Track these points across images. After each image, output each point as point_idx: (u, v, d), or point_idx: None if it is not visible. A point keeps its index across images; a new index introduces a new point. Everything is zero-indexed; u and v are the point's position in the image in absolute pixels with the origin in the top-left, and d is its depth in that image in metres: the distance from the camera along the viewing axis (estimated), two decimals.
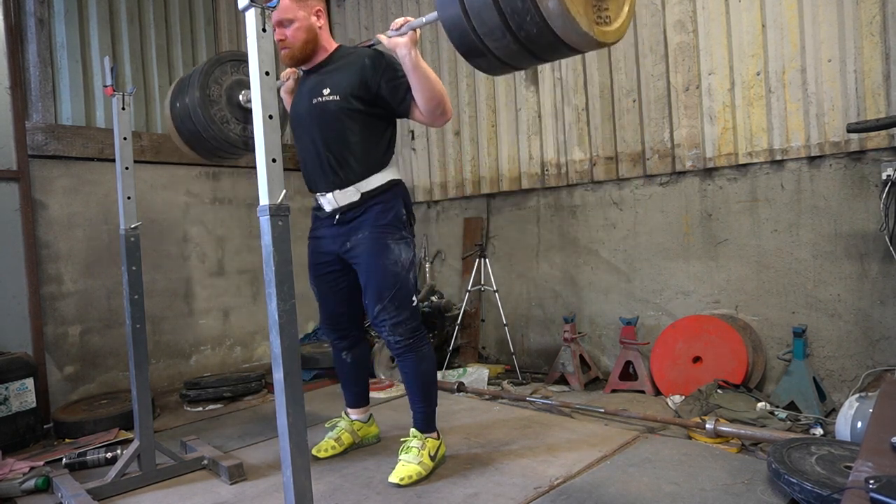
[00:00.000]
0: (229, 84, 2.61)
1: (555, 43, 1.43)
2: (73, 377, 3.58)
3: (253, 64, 1.49)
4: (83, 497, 2.16)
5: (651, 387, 3.31)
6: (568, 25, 1.38)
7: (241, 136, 2.61)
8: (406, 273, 2.26)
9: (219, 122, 2.54)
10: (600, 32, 1.47)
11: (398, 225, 2.27)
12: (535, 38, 1.42)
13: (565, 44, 1.44)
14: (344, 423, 2.61)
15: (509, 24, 1.41)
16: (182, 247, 4.13)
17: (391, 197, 2.28)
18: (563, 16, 1.36)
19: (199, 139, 2.58)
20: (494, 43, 1.47)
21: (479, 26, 1.44)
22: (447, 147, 4.51)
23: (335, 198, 2.27)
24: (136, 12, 4.03)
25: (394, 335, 2.25)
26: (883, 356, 2.83)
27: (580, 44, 1.46)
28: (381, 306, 2.23)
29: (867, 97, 2.76)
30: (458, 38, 1.51)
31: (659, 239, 3.54)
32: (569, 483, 2.11)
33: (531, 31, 1.40)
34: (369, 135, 2.25)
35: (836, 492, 1.65)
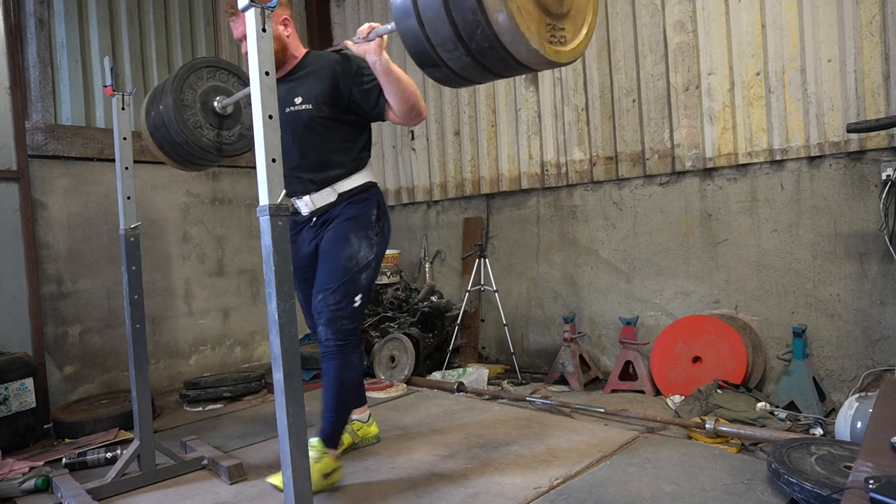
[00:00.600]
0: (204, 90, 2.59)
1: (505, 58, 1.43)
2: (73, 377, 3.58)
3: (253, 64, 1.49)
4: (83, 497, 2.16)
5: (651, 387, 3.31)
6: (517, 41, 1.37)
7: (214, 141, 2.60)
8: (358, 271, 2.21)
9: (191, 127, 2.52)
10: (552, 51, 1.46)
11: (365, 223, 2.25)
12: (485, 52, 1.42)
13: (515, 59, 1.43)
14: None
15: (461, 35, 1.40)
16: (182, 247, 4.13)
17: (365, 197, 2.29)
18: (513, 31, 1.35)
19: (171, 144, 2.56)
20: (447, 54, 1.46)
21: (432, 36, 1.44)
22: (447, 147, 4.51)
23: (312, 200, 2.28)
24: (135, 12, 4.03)
25: (326, 331, 2.18)
26: (883, 356, 2.83)
27: (530, 61, 1.44)
28: (321, 296, 2.18)
29: (867, 97, 2.76)
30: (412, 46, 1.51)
31: (659, 239, 3.54)
32: (569, 483, 2.11)
33: (482, 45, 1.40)
34: (344, 140, 2.26)
35: (835, 492, 1.65)
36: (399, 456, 2.47)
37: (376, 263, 2.29)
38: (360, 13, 5.03)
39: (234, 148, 2.68)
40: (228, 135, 2.66)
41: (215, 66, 2.65)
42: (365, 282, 2.24)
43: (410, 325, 4.11)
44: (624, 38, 3.54)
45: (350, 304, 2.19)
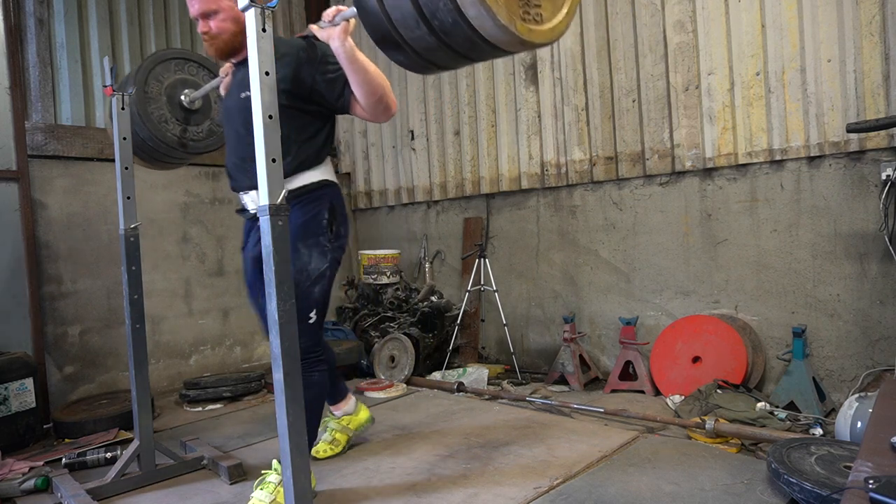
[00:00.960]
0: (171, 82, 2.46)
1: (471, 37, 1.29)
2: (73, 377, 3.58)
3: (253, 64, 1.49)
4: (83, 497, 2.16)
5: (651, 387, 3.31)
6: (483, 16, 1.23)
7: (179, 137, 2.46)
8: (310, 285, 2.02)
9: (155, 121, 2.39)
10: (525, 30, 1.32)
11: (315, 229, 2.06)
12: (450, 30, 1.29)
13: (483, 38, 1.29)
14: (333, 423, 2.54)
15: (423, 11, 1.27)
16: (182, 247, 4.13)
17: (316, 198, 2.09)
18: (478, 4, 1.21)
19: (135, 139, 2.41)
20: (409, 33, 1.33)
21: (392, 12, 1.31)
22: (447, 147, 4.51)
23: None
24: (135, 13, 4.03)
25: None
26: (883, 356, 2.83)
27: (500, 40, 1.30)
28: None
29: (867, 97, 2.76)
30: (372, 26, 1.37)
31: (659, 239, 3.54)
32: (569, 483, 2.11)
33: (445, 21, 1.26)
34: (301, 132, 2.08)
35: (835, 492, 1.65)
36: (399, 456, 2.47)
37: (331, 272, 2.10)
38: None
39: (202, 145, 2.53)
40: (196, 130, 2.52)
41: (185, 58, 2.52)
42: (319, 294, 2.05)
43: (410, 325, 4.11)
44: (624, 37, 3.54)
45: (304, 321, 1.98)
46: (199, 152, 2.55)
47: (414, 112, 4.71)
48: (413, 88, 4.69)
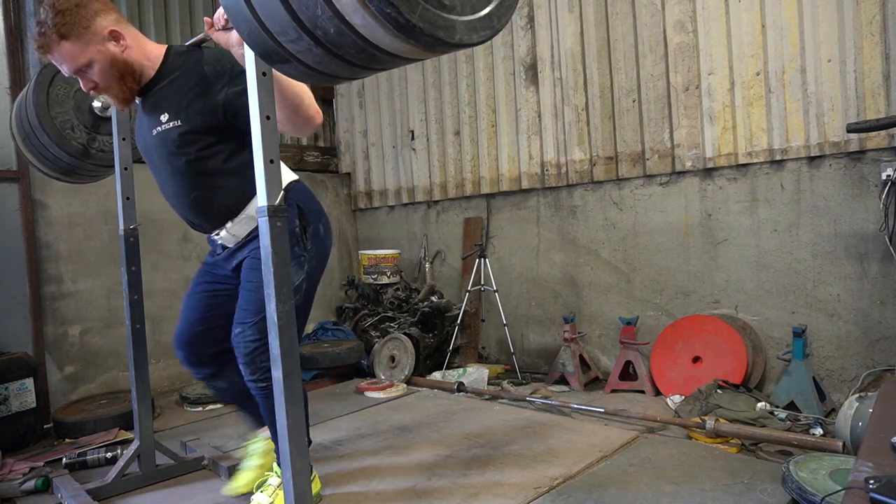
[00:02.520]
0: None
1: (366, 47, 1.06)
2: (73, 377, 3.58)
3: (250, 67, 1.48)
4: (83, 497, 2.16)
5: (651, 387, 3.31)
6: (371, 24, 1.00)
7: (88, 146, 2.23)
8: None
9: (58, 127, 2.15)
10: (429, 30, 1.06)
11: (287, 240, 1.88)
12: (337, 41, 1.05)
13: (380, 48, 1.06)
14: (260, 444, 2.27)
15: (301, 20, 1.04)
16: (182, 247, 4.13)
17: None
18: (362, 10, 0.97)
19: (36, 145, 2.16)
20: (293, 45, 1.11)
21: (268, 22, 1.09)
22: (447, 147, 4.51)
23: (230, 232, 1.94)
24: (136, 12, 4.03)
25: (246, 370, 1.86)
26: (883, 356, 2.83)
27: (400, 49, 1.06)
28: (240, 329, 1.85)
29: (867, 97, 2.76)
30: (248, 37, 1.16)
31: (659, 239, 3.54)
32: (569, 483, 2.11)
33: (328, 31, 1.04)
34: (232, 153, 1.85)
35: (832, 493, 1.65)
36: (399, 456, 2.47)
37: (308, 283, 1.92)
38: None
39: (107, 157, 2.29)
40: (107, 140, 2.28)
41: None
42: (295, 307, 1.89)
43: (410, 325, 4.11)
44: (624, 38, 3.54)
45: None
46: (110, 164, 2.32)
47: (414, 112, 4.71)
48: (413, 88, 4.69)
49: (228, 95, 1.76)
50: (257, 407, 2.03)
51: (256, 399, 1.93)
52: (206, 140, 1.82)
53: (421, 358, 3.97)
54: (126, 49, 1.80)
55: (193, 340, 2.08)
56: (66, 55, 1.73)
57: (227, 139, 1.84)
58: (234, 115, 1.78)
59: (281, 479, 1.83)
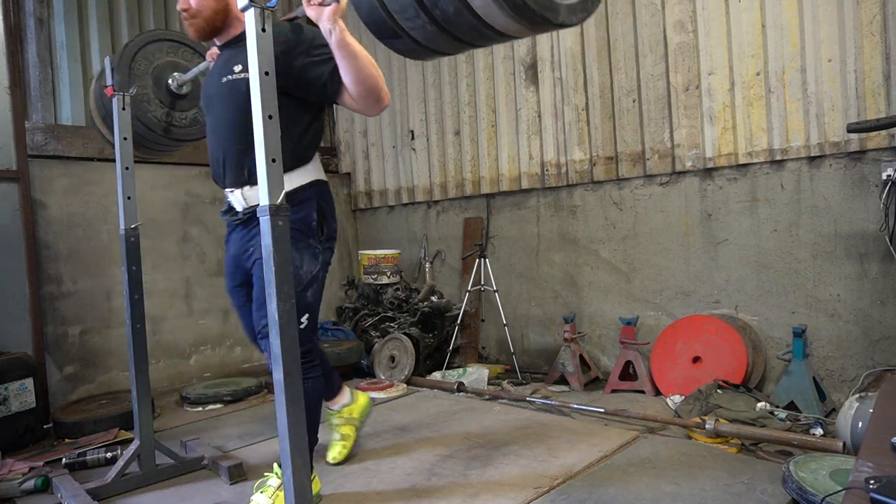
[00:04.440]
0: (161, 64, 2.37)
1: (477, 26, 1.18)
2: (73, 377, 3.58)
3: (252, 64, 1.49)
4: (83, 497, 2.16)
5: (651, 387, 3.31)
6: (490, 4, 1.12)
7: (161, 120, 2.38)
8: (302, 289, 1.92)
9: (136, 100, 2.31)
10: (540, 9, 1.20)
11: (303, 230, 1.94)
12: (453, 20, 1.17)
13: (490, 27, 1.18)
14: (335, 418, 2.47)
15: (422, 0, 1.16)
16: (182, 247, 4.13)
17: (304, 199, 1.97)
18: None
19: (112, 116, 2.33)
20: (408, 23, 1.22)
21: (389, 2, 1.21)
22: (447, 147, 4.51)
23: (244, 196, 1.97)
24: (136, 12, 4.03)
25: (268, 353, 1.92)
26: (883, 356, 2.83)
27: (510, 28, 1.19)
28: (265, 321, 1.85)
29: (867, 97, 2.76)
30: (367, 14, 1.26)
31: (659, 239, 3.54)
32: (569, 483, 2.11)
33: (447, 10, 1.15)
34: (287, 123, 1.89)
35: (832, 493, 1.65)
36: (399, 456, 2.47)
37: (322, 274, 2.02)
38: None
39: (184, 132, 2.44)
40: (180, 116, 2.42)
41: (179, 42, 2.44)
42: (311, 299, 1.98)
43: (410, 325, 4.11)
44: (624, 37, 3.54)
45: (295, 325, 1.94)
46: (181, 139, 2.45)
47: (414, 112, 4.71)
48: (413, 88, 4.69)
49: (304, 64, 1.87)
50: (328, 384, 2.30)
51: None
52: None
53: (421, 358, 3.97)
54: None
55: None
56: None
57: (290, 106, 1.91)
58: (306, 86, 1.89)
59: (281, 481, 1.81)
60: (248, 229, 2.01)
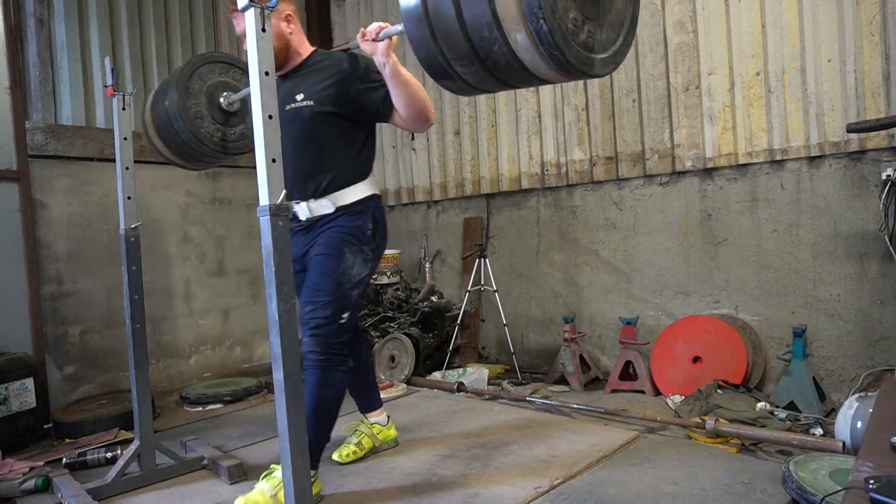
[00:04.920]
0: (214, 83, 2.55)
1: (524, 74, 1.36)
2: (73, 377, 3.58)
3: (252, 64, 1.49)
4: (83, 497, 2.16)
5: (651, 387, 3.31)
6: (538, 60, 1.30)
7: (212, 135, 2.56)
8: (350, 287, 2.11)
9: (191, 116, 2.48)
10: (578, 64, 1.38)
11: (359, 236, 2.15)
12: (503, 68, 1.35)
13: (535, 75, 1.36)
14: (364, 427, 2.53)
15: (477, 51, 1.33)
16: (182, 247, 4.13)
17: (362, 210, 2.18)
18: (533, 50, 1.28)
19: (169, 130, 2.51)
20: (462, 68, 1.40)
21: (446, 50, 1.37)
22: (447, 147, 4.51)
23: (309, 207, 2.14)
24: (136, 13, 4.03)
25: (310, 343, 2.08)
26: (883, 356, 2.83)
27: (552, 77, 1.38)
28: (310, 307, 2.08)
29: (867, 97, 2.76)
30: (425, 59, 1.43)
31: (659, 239, 3.54)
32: (569, 483, 2.11)
33: (499, 62, 1.33)
34: (345, 143, 2.16)
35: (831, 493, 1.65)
36: (399, 456, 2.47)
37: (368, 280, 2.21)
38: (360, 13, 5.03)
39: (234, 146, 2.64)
40: (230, 132, 2.61)
41: (230, 64, 2.63)
42: (355, 298, 2.14)
43: (410, 325, 4.11)
44: None
45: (338, 319, 2.08)
46: (231, 152, 2.65)
47: None
48: None
49: (359, 90, 2.10)
50: (370, 394, 2.54)
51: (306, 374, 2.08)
52: (330, 122, 2.13)
53: (421, 358, 3.97)
54: (291, 32, 2.18)
55: None
56: None
57: (348, 128, 2.16)
58: (361, 110, 2.13)
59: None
60: (309, 233, 2.20)
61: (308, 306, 2.09)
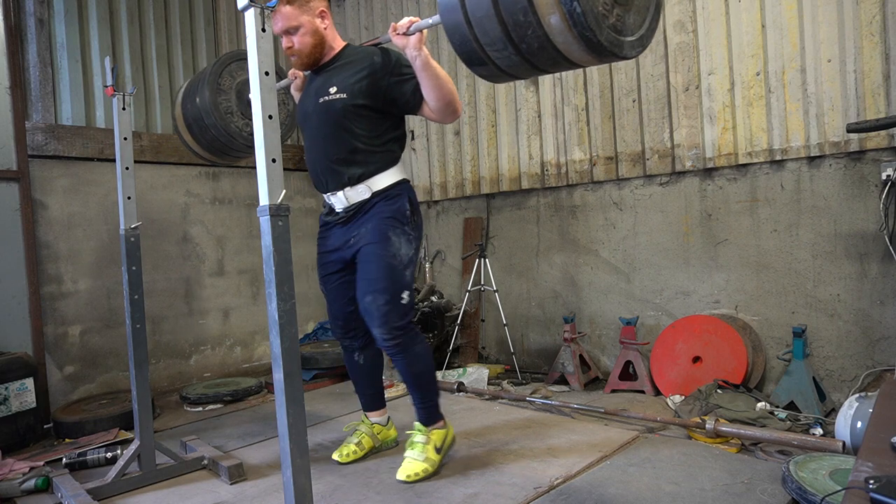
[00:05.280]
0: (243, 80, 2.64)
1: (556, 57, 1.42)
2: (73, 377, 3.58)
3: (252, 64, 1.49)
4: (83, 497, 2.16)
5: (651, 387, 3.31)
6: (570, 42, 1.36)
7: (241, 130, 2.64)
8: (402, 268, 2.23)
9: (222, 111, 2.56)
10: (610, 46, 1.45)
11: (400, 218, 2.26)
12: (536, 52, 1.42)
13: (567, 58, 1.43)
14: (364, 426, 2.56)
15: (511, 36, 1.40)
16: (182, 247, 4.13)
17: (397, 193, 2.29)
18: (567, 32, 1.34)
19: (200, 125, 2.59)
20: (496, 53, 1.46)
21: (480, 36, 1.44)
22: (447, 147, 4.51)
23: (346, 196, 2.26)
24: (136, 12, 4.03)
25: (381, 332, 2.21)
26: (883, 356, 2.83)
27: (584, 60, 1.44)
28: (371, 297, 2.20)
29: (867, 97, 2.76)
30: (460, 45, 1.50)
31: (659, 239, 3.54)
32: (569, 483, 2.11)
33: (532, 45, 1.39)
34: (378, 133, 2.25)
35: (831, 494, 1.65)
36: (399, 456, 2.47)
37: (416, 257, 2.31)
38: (360, 13, 5.03)
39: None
40: None
41: None
42: (409, 278, 2.26)
43: None
44: None
45: (399, 301, 2.21)
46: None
47: None
48: None
49: (390, 83, 2.18)
50: (375, 393, 2.58)
51: (393, 360, 2.27)
52: (362, 114, 2.21)
53: None
54: (326, 28, 2.26)
55: (349, 317, 2.45)
56: (284, 15, 2.16)
57: (379, 119, 2.24)
58: (392, 102, 2.21)
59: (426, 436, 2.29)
60: (349, 225, 2.30)
61: (368, 296, 2.20)
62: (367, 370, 2.55)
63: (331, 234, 2.39)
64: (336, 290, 2.44)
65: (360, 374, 2.56)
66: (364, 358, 2.53)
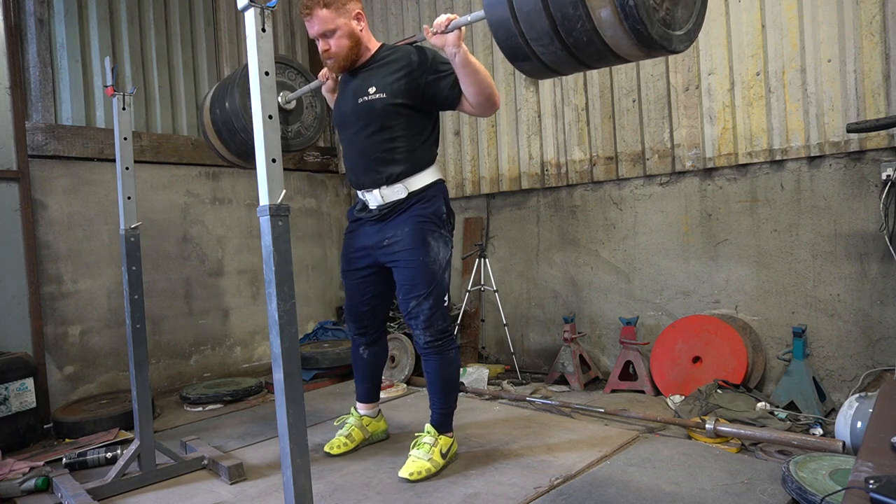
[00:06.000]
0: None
1: (603, 51, 1.41)
2: (73, 377, 3.58)
3: (252, 64, 1.49)
4: (83, 497, 2.16)
5: (651, 387, 3.31)
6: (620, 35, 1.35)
7: None
8: (442, 271, 2.27)
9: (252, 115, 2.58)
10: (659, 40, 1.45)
11: (437, 221, 2.28)
12: (583, 46, 1.40)
13: (614, 53, 1.42)
14: (353, 419, 2.63)
15: (558, 30, 1.38)
16: (182, 247, 4.13)
17: (433, 194, 2.30)
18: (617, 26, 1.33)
19: (230, 129, 2.62)
20: (541, 48, 1.45)
21: (527, 30, 1.43)
22: (447, 147, 4.51)
23: (381, 194, 2.28)
24: (136, 12, 4.03)
25: (424, 334, 2.26)
26: (883, 356, 2.83)
27: (632, 54, 1.44)
28: (415, 302, 2.25)
29: (867, 97, 2.76)
30: (504, 41, 1.48)
31: (659, 239, 3.54)
32: (569, 483, 2.11)
33: (580, 39, 1.38)
34: (415, 132, 2.26)
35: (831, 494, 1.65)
36: (399, 456, 2.47)
37: (451, 257, 2.35)
38: None
39: (290, 143, 2.74)
40: (288, 130, 2.71)
41: (286, 64, 2.72)
42: (448, 280, 2.32)
43: None
44: None
45: (440, 304, 2.26)
46: (290, 150, 2.73)
47: None
48: None
49: (428, 81, 2.18)
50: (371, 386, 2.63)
51: (426, 360, 2.31)
52: (402, 113, 2.22)
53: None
54: (362, 30, 2.26)
55: (362, 315, 2.52)
56: (321, 19, 2.16)
57: (418, 118, 2.25)
58: (431, 99, 2.22)
59: (434, 438, 2.29)
60: (384, 224, 2.32)
61: (412, 301, 2.25)
62: (369, 363, 2.61)
63: (361, 231, 2.41)
64: (356, 286, 2.47)
65: (362, 366, 2.62)
66: (369, 353, 2.59)
